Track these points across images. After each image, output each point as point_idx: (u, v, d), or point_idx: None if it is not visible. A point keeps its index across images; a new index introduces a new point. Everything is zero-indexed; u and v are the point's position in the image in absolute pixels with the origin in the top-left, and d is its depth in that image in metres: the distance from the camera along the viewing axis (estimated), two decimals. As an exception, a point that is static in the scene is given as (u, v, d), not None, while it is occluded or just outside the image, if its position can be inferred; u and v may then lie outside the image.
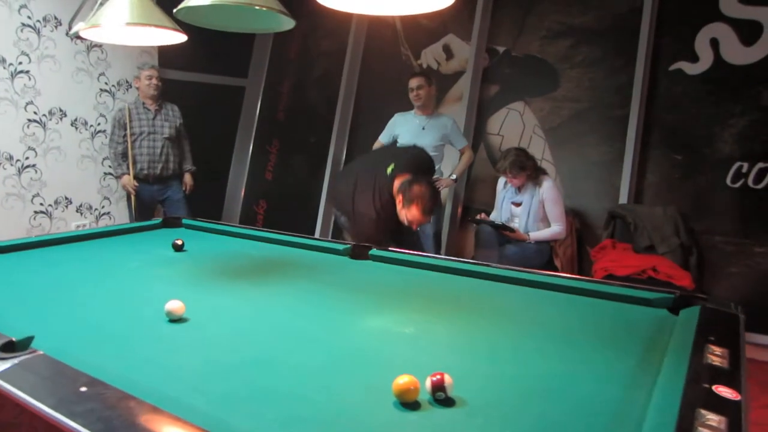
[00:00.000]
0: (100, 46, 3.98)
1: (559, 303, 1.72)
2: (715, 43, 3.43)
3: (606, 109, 3.74)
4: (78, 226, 3.91)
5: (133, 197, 3.82)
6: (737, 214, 3.35)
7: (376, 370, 1.18)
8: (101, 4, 1.81)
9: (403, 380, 1.03)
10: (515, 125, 4.05)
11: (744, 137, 3.35)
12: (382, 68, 4.78)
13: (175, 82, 4.45)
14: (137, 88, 3.89)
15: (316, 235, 4.71)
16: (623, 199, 3.52)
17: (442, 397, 1.04)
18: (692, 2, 3.50)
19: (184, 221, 2.81)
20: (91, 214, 3.98)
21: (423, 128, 3.71)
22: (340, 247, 2.25)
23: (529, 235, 3.26)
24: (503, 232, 3.26)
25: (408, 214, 2.67)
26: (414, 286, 1.87)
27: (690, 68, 3.50)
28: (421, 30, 4.54)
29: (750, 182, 3.33)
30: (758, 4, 3.32)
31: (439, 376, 1.04)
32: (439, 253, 3.58)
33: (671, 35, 3.56)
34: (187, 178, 4.05)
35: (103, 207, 4.03)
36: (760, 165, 3.30)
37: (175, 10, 1.54)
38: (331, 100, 4.93)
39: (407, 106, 4.56)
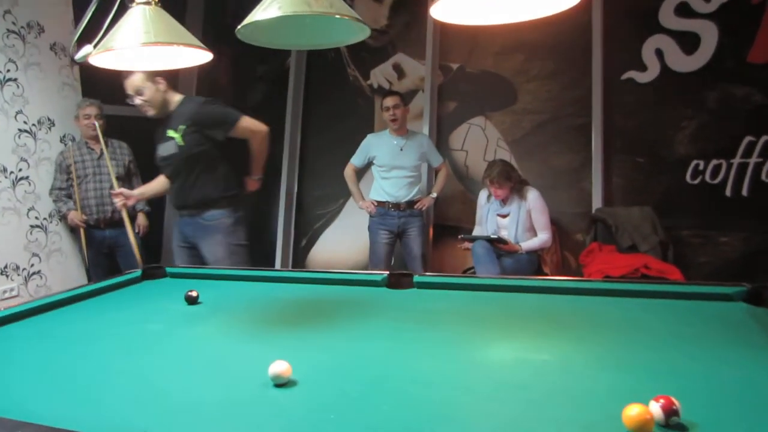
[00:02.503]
0: (15, 80, 3.49)
1: (646, 308, 1.68)
2: (660, 54, 3.66)
3: (566, 119, 3.85)
4: (5, 291, 3.35)
5: (83, 233, 3.55)
6: (699, 208, 3.56)
7: (568, 404, 1.04)
8: (110, 25, 1.53)
9: (634, 411, 0.92)
10: (478, 139, 4.07)
11: (697, 138, 3.58)
12: (328, 91, 4.64)
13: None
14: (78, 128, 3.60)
15: (277, 266, 4.43)
16: (596, 203, 3.62)
17: (676, 422, 0.93)
18: (635, 16, 3.71)
19: (168, 270, 2.49)
20: (18, 275, 3.43)
21: (401, 149, 3.61)
22: (377, 277, 2.07)
23: (521, 246, 3.25)
24: (497, 245, 3.23)
25: None
26: (492, 310, 1.74)
27: (640, 77, 3.70)
28: (366, 50, 4.45)
29: (707, 178, 3.55)
30: (692, 17, 3.59)
31: (664, 400, 0.94)
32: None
33: (619, 47, 3.74)
34: (141, 219, 3.73)
35: (32, 266, 3.50)
36: (714, 162, 3.54)
37: (239, 28, 1.32)
38: (275, 127, 4.68)
39: (362, 129, 4.46)
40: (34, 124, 3.49)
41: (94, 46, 1.50)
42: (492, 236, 3.27)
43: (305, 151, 4.67)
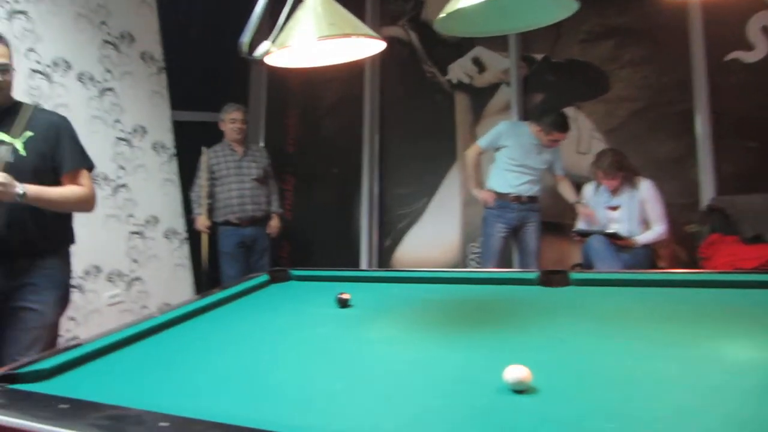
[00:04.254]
0: (112, 89, 3.51)
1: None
2: (767, 31, 3.48)
3: (665, 105, 3.70)
4: (112, 297, 3.37)
5: (204, 238, 3.71)
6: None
7: None
8: (285, 22, 1.48)
9: None
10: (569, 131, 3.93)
11: (813, 118, 3.38)
12: (404, 89, 4.57)
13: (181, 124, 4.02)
14: (223, 131, 3.79)
15: (363, 266, 4.38)
16: (707, 192, 3.46)
17: None
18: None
19: (293, 272, 2.45)
20: (122, 281, 3.45)
21: (536, 150, 3.52)
22: (530, 275, 1.99)
23: (637, 240, 3.13)
24: (613, 240, 3.11)
25: None
26: (675, 307, 1.64)
27: (746, 57, 3.52)
28: (443, 45, 4.37)
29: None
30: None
31: None
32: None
33: (721, 26, 3.57)
34: (274, 221, 3.91)
35: (132, 271, 3.51)
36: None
37: (438, 19, 1.25)
38: (351, 126, 4.65)
39: (441, 126, 4.38)
40: (129, 132, 3.50)
41: (272, 43, 1.45)
42: (608, 231, 3.15)
43: (384, 151, 4.61)
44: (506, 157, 3.54)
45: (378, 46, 1.54)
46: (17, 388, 1.24)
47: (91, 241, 3.18)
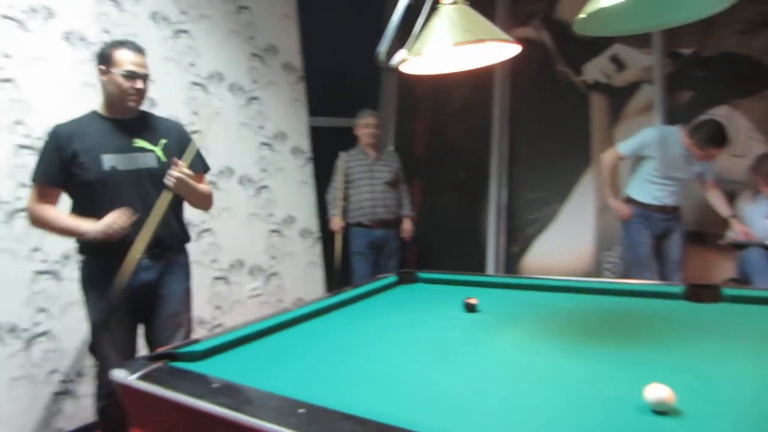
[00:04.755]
0: (257, 98, 3.80)
1: None
2: None
3: (844, 101, 3.24)
4: (253, 289, 3.65)
5: (338, 238, 3.87)
6: None
7: None
8: (420, 31, 1.51)
9: None
10: (722, 133, 3.59)
11: None
12: (536, 91, 4.44)
13: (317, 130, 4.24)
14: (357, 136, 3.98)
15: (489, 272, 4.33)
16: None
17: None
18: None
19: (420, 275, 2.49)
20: (261, 275, 3.71)
21: (687, 161, 3.28)
22: (675, 289, 1.85)
23: None
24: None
25: None
26: None
27: None
28: (577, 43, 4.18)
29: None
30: None
31: None
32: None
33: None
34: (407, 224, 4.03)
35: (270, 267, 3.77)
36: None
37: (578, 18, 1.21)
38: (479, 129, 4.61)
39: (576, 128, 4.20)
40: (271, 137, 3.77)
41: (408, 51, 1.49)
42: (768, 243, 2.84)
43: (514, 154, 4.52)
44: (651, 168, 3.31)
45: (513, 49, 1.52)
46: (176, 366, 1.40)
47: (236, 238, 3.48)
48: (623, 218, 3.38)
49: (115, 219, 1.98)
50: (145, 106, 2.23)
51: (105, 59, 2.07)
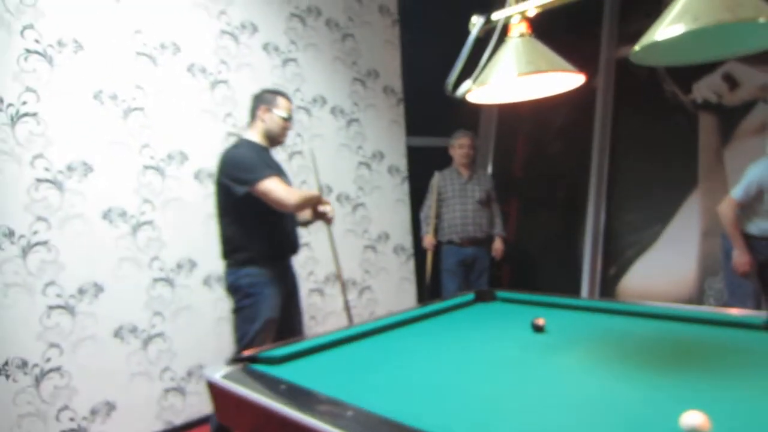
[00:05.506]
0: (357, 120, 4.05)
1: None
2: None
3: None
4: (350, 300, 3.87)
5: (429, 255, 4.01)
6: None
7: None
8: (488, 60, 1.61)
9: None
10: None
11: None
12: (640, 110, 4.30)
13: (413, 150, 4.41)
14: (452, 156, 4.15)
15: (583, 295, 4.23)
16: None
17: None
18: None
19: (498, 294, 2.55)
20: (355, 289, 3.92)
21: None
22: (756, 320, 1.78)
23: None
24: None
25: None
26: None
27: None
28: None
29: None
30: None
31: None
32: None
33: None
34: (498, 243, 4.09)
35: (365, 281, 3.97)
36: None
37: (634, 50, 1.26)
38: (579, 149, 4.54)
39: (681, 149, 4.03)
40: (369, 157, 4.00)
41: (473, 82, 1.60)
42: None
43: (614, 175, 4.40)
44: (763, 203, 3.11)
45: (577, 79, 1.58)
46: (255, 368, 1.60)
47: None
48: (741, 273, 3.19)
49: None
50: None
51: (269, 101, 2.58)
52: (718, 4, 1.14)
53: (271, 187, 2.40)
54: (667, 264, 4.00)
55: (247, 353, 1.72)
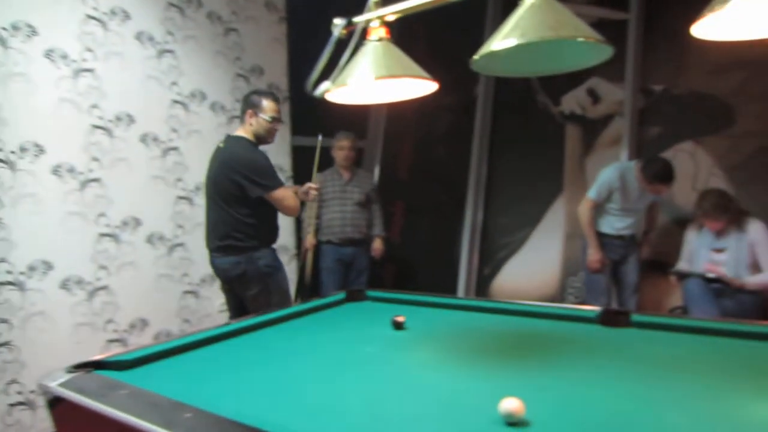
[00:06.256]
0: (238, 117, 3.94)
1: None
2: None
3: (799, 143, 3.33)
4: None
5: (310, 255, 3.99)
6: None
7: None
8: (347, 62, 1.64)
9: None
10: (686, 167, 3.69)
11: None
12: (516, 119, 4.57)
13: (298, 149, 4.37)
14: (333, 157, 4.13)
15: (460, 294, 4.42)
16: None
17: None
18: None
19: (369, 293, 2.60)
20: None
21: (643, 195, 3.43)
22: (590, 313, 1.95)
23: (746, 282, 2.87)
24: (714, 283, 2.90)
25: None
26: (740, 360, 1.53)
27: None
28: (558, 76, 4.29)
29: None
30: None
31: None
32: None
33: None
34: (377, 243, 4.12)
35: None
36: None
37: (474, 58, 1.34)
38: (461, 155, 4.74)
39: (551, 157, 4.31)
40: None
41: (332, 83, 1.62)
42: (709, 275, 2.92)
43: (492, 179, 4.63)
44: (613, 203, 3.45)
45: (431, 87, 1.65)
46: (99, 374, 1.51)
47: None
48: (592, 270, 3.48)
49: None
50: (124, 123, 2.87)
51: (255, 105, 2.78)
52: (542, 23, 1.24)
53: (284, 195, 2.75)
54: (535, 264, 4.29)
55: (94, 358, 1.62)
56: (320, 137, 3.34)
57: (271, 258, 2.85)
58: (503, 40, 1.26)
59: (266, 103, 2.79)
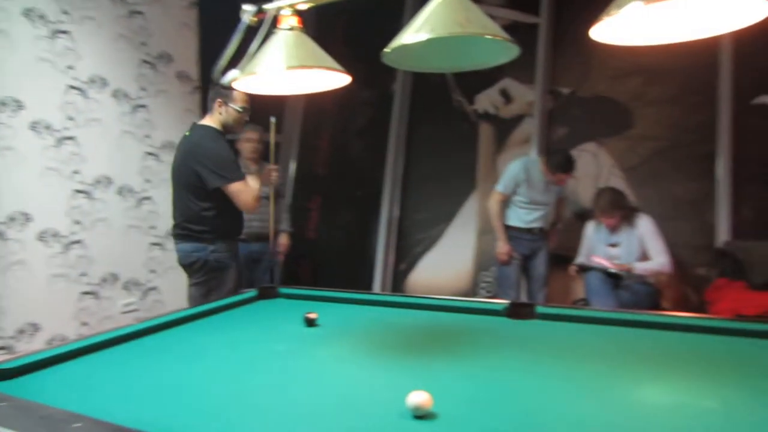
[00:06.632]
0: (145, 106, 3.75)
1: None
2: (798, 75, 3.35)
3: (688, 146, 3.61)
4: (127, 305, 3.55)
5: None
6: None
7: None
8: (257, 50, 1.58)
9: None
10: (589, 167, 3.89)
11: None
12: (432, 116, 4.64)
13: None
14: (239, 149, 3.92)
15: (376, 290, 4.43)
16: (722, 236, 3.35)
17: None
18: (770, 34, 3.43)
19: (281, 290, 2.53)
20: (138, 290, 3.62)
21: (549, 188, 3.56)
22: (498, 307, 1.99)
23: (634, 267, 3.08)
24: (612, 276, 3.09)
25: None
26: (632, 346, 1.62)
27: (776, 101, 3.40)
28: (473, 75, 4.40)
29: None
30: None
31: None
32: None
33: (750, 70, 3.47)
34: (283, 239, 3.93)
35: (150, 281, 3.69)
36: None
37: (385, 51, 1.32)
38: (378, 151, 4.75)
39: (466, 154, 4.41)
40: (158, 147, 3.72)
41: (240, 71, 1.55)
42: (610, 269, 3.11)
43: (408, 175, 4.67)
44: (520, 195, 3.57)
45: (344, 79, 1.61)
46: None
47: (110, 250, 3.39)
48: (502, 261, 3.59)
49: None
50: (10, 108, 2.58)
51: (225, 95, 2.71)
52: (452, 20, 1.24)
53: (241, 189, 2.68)
54: (449, 260, 4.38)
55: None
56: (273, 119, 3.22)
57: (224, 253, 2.80)
58: (414, 34, 1.26)
59: (236, 93, 2.75)
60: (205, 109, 4.05)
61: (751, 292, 2.93)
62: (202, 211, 2.72)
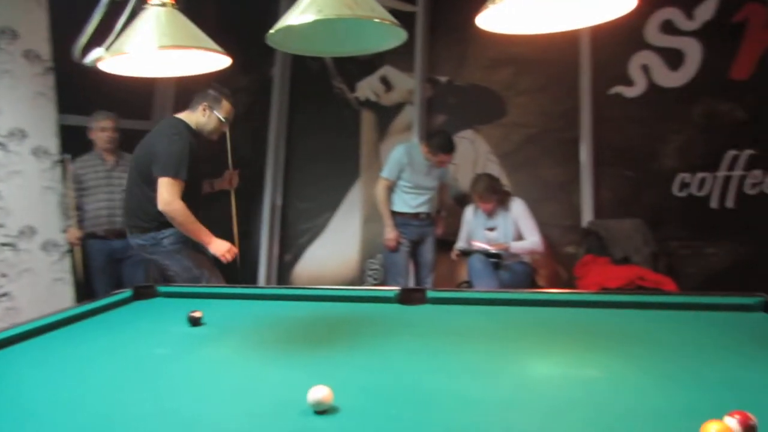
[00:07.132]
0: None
1: (664, 321, 1.67)
2: (646, 69, 3.72)
3: (555, 132, 3.87)
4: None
5: (78, 251, 3.56)
6: (687, 221, 3.61)
7: (636, 423, 0.99)
8: (123, 26, 1.43)
9: (713, 428, 0.89)
10: (467, 153, 4.05)
11: (683, 151, 3.64)
12: (313, 103, 4.56)
13: (71, 128, 3.82)
14: (93, 140, 3.61)
15: (260, 283, 4.30)
16: (587, 216, 3.64)
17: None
18: (621, 32, 3.76)
19: (160, 289, 2.36)
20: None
21: (430, 170, 3.60)
22: (390, 294, 2.00)
23: (510, 245, 3.27)
24: (492, 258, 3.25)
25: None
26: (519, 324, 1.70)
27: (627, 91, 3.75)
28: (353, 62, 4.40)
29: (693, 191, 3.61)
30: (676, 34, 3.66)
31: (739, 416, 0.90)
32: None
33: (607, 62, 3.79)
34: None
35: (1, 286, 3.26)
36: (700, 175, 3.60)
37: (270, 32, 1.25)
38: (258, 140, 4.58)
39: (348, 142, 4.40)
40: (5, 136, 3.29)
41: (106, 50, 1.39)
42: (491, 251, 3.26)
43: (290, 164, 4.56)
44: (404, 180, 3.61)
45: (223, 61, 1.51)
46: None
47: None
48: (390, 247, 3.62)
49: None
50: None
51: (212, 102, 2.80)
52: (339, 1, 1.20)
53: (169, 190, 2.61)
54: (335, 249, 4.36)
55: None
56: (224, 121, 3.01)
57: (176, 237, 2.81)
58: (300, 15, 1.20)
59: (224, 104, 2.83)
60: (61, 95, 3.68)
61: (613, 267, 3.22)
62: (153, 200, 2.68)
